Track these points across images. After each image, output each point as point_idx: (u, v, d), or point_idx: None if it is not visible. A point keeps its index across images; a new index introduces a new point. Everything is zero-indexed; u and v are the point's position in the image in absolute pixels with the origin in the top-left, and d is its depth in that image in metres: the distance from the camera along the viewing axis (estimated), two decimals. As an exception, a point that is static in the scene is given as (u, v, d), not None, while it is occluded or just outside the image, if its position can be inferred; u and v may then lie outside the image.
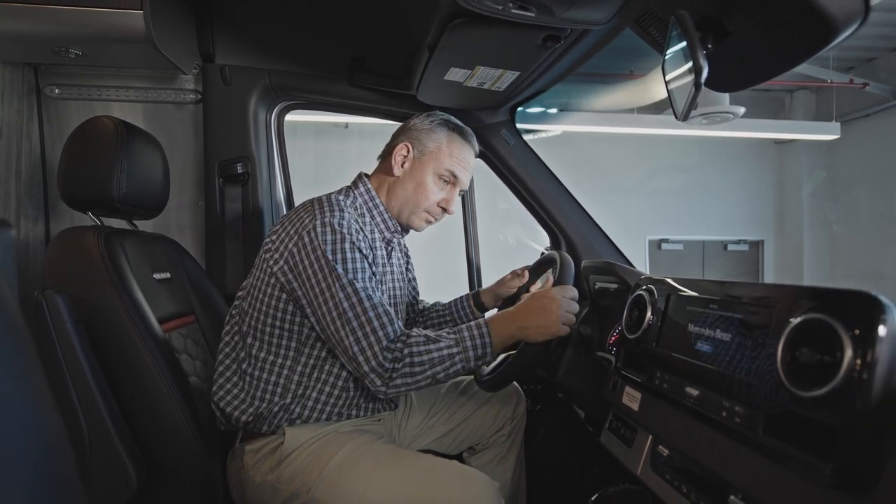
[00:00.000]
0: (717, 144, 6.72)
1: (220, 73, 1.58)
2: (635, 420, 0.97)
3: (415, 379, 0.98)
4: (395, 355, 0.98)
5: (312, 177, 5.03)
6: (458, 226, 1.86)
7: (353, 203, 1.18)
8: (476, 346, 1.00)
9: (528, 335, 1.02)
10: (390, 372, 0.97)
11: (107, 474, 0.98)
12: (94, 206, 1.17)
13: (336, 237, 1.04)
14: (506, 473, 1.35)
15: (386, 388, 0.98)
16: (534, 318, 1.01)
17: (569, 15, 0.93)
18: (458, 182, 1.23)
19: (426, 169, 1.20)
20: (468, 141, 1.25)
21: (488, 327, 1.02)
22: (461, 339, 1.00)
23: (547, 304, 1.01)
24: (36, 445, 0.38)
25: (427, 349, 0.99)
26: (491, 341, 1.01)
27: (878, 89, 6.05)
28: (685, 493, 0.78)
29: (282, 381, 1.10)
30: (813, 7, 0.66)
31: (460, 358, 0.99)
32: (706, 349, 0.79)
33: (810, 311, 0.60)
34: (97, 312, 1.04)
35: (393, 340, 0.99)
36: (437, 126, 1.23)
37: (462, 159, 1.22)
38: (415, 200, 1.21)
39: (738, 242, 7.35)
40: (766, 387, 0.64)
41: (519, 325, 1.02)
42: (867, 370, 0.53)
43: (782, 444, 0.61)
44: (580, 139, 6.49)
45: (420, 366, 0.98)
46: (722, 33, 0.81)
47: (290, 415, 1.10)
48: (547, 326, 1.01)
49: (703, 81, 0.73)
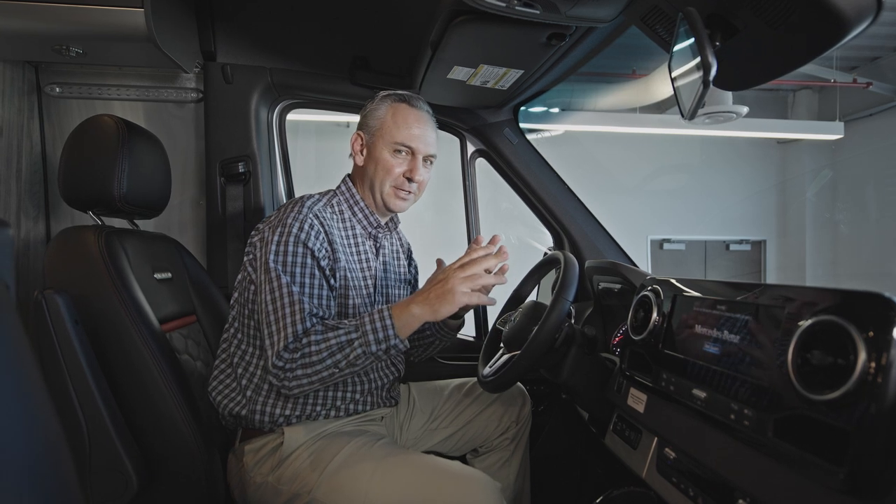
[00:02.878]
0: (720, 144, 6.70)
1: (221, 72, 1.58)
2: (641, 422, 0.96)
3: (315, 369, 0.98)
4: (294, 346, 0.98)
5: (315, 176, 5.05)
6: (462, 227, 1.85)
7: (329, 202, 1.20)
8: (376, 329, 0.99)
9: (433, 311, 1.01)
10: (290, 363, 0.98)
11: (107, 475, 0.98)
12: (95, 206, 1.16)
13: (284, 231, 1.07)
14: (509, 476, 1.34)
15: (288, 383, 0.99)
16: (433, 293, 1.02)
17: (574, 12, 0.92)
18: (415, 150, 1.20)
19: (378, 146, 1.20)
20: (413, 105, 1.21)
21: (389, 310, 1.01)
22: (361, 324, 1.00)
23: (441, 278, 1.04)
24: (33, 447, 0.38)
25: (325, 337, 0.99)
26: (392, 323, 1.00)
27: (882, 89, 6.03)
28: (692, 496, 0.77)
29: (259, 372, 1.12)
30: (823, 3, 0.65)
31: (360, 342, 0.98)
32: (714, 351, 0.78)
33: (822, 313, 0.59)
34: (97, 312, 1.03)
35: (299, 336, 0.99)
36: (379, 103, 1.22)
37: (409, 125, 1.19)
38: (380, 178, 1.20)
39: (741, 242, 7.33)
40: (775, 389, 0.63)
41: (418, 302, 1.02)
42: (882, 373, 0.51)
43: (793, 447, 0.59)
44: (583, 139, 6.48)
45: (318, 354, 0.98)
46: (730, 31, 0.79)
47: (283, 410, 1.10)
48: (445, 296, 1.01)
49: (710, 80, 0.72)
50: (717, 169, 7.04)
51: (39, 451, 0.38)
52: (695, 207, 7.09)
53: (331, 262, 1.11)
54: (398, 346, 1.01)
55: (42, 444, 0.39)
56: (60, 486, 0.39)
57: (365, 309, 1.18)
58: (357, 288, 1.17)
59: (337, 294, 1.13)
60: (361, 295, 1.18)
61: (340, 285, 1.13)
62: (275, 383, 1.00)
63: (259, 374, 1.12)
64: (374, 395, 1.19)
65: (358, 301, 1.16)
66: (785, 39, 0.75)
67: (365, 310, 1.18)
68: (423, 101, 1.23)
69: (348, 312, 1.15)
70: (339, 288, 1.13)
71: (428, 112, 1.23)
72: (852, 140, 6.14)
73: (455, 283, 1.01)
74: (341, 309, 1.14)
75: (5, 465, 0.34)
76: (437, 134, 1.26)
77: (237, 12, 1.57)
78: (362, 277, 1.20)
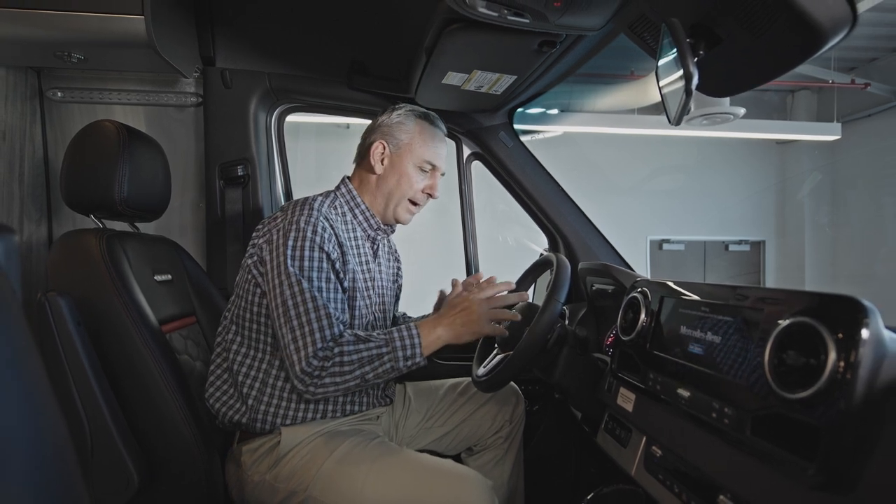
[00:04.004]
0: (719, 145, 6.71)
1: (220, 77, 1.60)
2: (630, 421, 0.98)
3: (343, 378, 1.01)
4: (325, 354, 1.00)
5: (315, 176, 5.07)
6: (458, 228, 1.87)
7: (332, 203, 1.22)
8: (405, 347, 1.04)
9: (456, 336, 1.08)
10: (319, 371, 1.00)
11: (108, 474, 1.00)
12: (96, 210, 1.19)
13: (298, 235, 1.07)
14: (503, 475, 1.36)
15: (315, 389, 1.01)
16: (458, 319, 1.08)
17: (563, 21, 0.94)
18: (437, 168, 1.28)
19: (405, 161, 1.24)
20: (436, 125, 1.29)
21: (417, 329, 1.06)
22: (391, 340, 1.04)
23: (467, 306, 1.09)
24: (39, 446, 0.39)
25: (357, 348, 1.01)
26: (420, 342, 1.05)
27: (880, 90, 6.04)
28: (677, 492, 0.79)
29: (260, 376, 1.13)
30: (801, 16, 0.68)
31: (389, 357, 1.02)
32: (697, 351, 0.80)
33: (797, 315, 0.61)
34: (99, 314, 1.05)
35: (328, 342, 1.01)
36: (405, 118, 1.26)
37: (435, 145, 1.27)
38: (400, 192, 1.24)
39: (740, 243, 7.34)
40: (754, 389, 0.65)
41: (445, 326, 1.08)
42: (850, 372, 0.54)
43: (769, 444, 0.62)
44: (582, 140, 6.49)
45: (349, 365, 1.00)
46: (713, 40, 0.82)
47: (281, 411, 1.11)
48: (471, 325, 1.08)
49: (693, 88, 0.74)
50: (717, 170, 7.05)
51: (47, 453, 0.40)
52: (694, 208, 7.09)
53: (341, 263, 1.13)
54: (421, 363, 1.06)
55: (50, 445, 0.40)
56: (66, 485, 0.41)
57: (366, 311, 1.20)
58: (361, 290, 1.19)
59: (347, 296, 1.15)
60: (364, 296, 1.20)
61: (348, 287, 1.15)
62: (299, 388, 1.01)
63: (261, 379, 1.12)
64: (370, 396, 1.21)
65: (361, 303, 1.18)
66: (766, 49, 0.77)
67: (366, 312, 1.20)
68: (441, 122, 1.31)
69: (354, 314, 1.16)
70: (348, 290, 1.15)
71: (444, 131, 1.32)
72: (850, 141, 6.15)
73: (482, 314, 1.08)
74: (348, 311, 1.16)
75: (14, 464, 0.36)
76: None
77: (236, 18, 1.59)
78: (363, 279, 1.22)
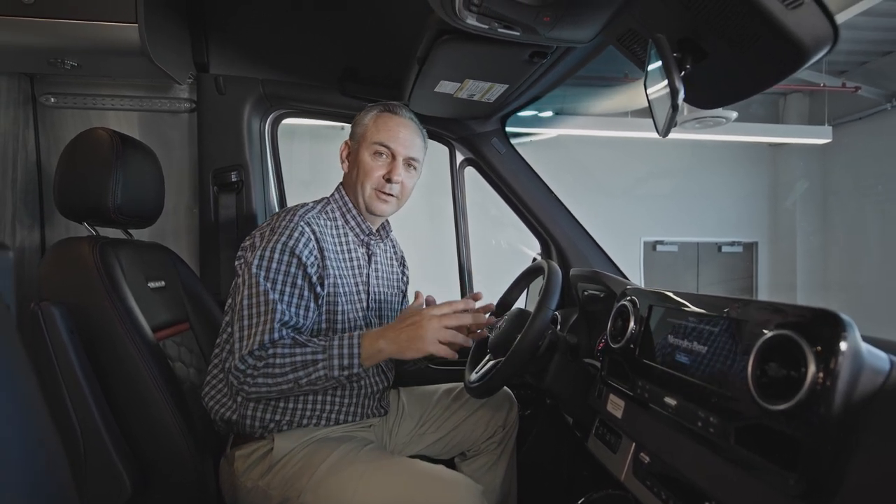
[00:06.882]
0: (712, 148, 6.76)
1: (214, 83, 1.60)
2: (619, 427, 0.99)
3: (276, 381, 1.00)
4: (260, 354, 1.01)
5: (309, 177, 5.08)
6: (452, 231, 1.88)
7: (324, 209, 1.23)
8: (343, 356, 1.01)
9: (399, 350, 1.01)
10: (252, 370, 1.00)
11: (101, 481, 1.00)
12: (90, 217, 1.19)
13: (273, 238, 1.09)
14: (495, 480, 1.37)
15: (248, 388, 1.01)
16: (404, 333, 1.01)
17: (553, 34, 0.95)
18: (394, 151, 1.22)
19: (361, 150, 1.23)
20: (395, 112, 1.24)
21: (360, 339, 1.02)
22: (329, 347, 1.01)
23: (417, 321, 1.01)
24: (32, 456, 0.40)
25: (291, 352, 1.01)
26: (360, 352, 1.01)
27: (871, 93, 6.10)
28: (664, 499, 0.81)
29: None
30: (784, 34, 0.69)
31: (324, 365, 1.00)
32: (684, 360, 0.81)
33: (779, 328, 0.63)
34: (92, 322, 1.06)
35: (266, 344, 1.02)
36: (365, 113, 1.26)
37: (389, 128, 1.22)
38: (361, 181, 1.23)
39: (732, 244, 7.39)
40: (737, 399, 0.67)
41: (388, 339, 1.02)
42: (829, 384, 0.55)
43: (751, 454, 0.63)
44: (576, 142, 6.51)
45: (281, 367, 1.00)
46: (700, 54, 0.83)
47: (273, 416, 1.12)
48: (415, 341, 1.00)
49: (679, 103, 0.75)
50: (710, 172, 7.10)
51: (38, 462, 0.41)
52: (688, 209, 7.14)
53: (319, 269, 1.14)
54: (360, 374, 1.03)
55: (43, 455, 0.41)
56: (58, 492, 0.42)
57: (355, 315, 1.21)
58: (347, 294, 1.19)
59: (325, 301, 1.15)
60: (352, 301, 1.21)
61: (329, 292, 1.15)
62: (234, 384, 1.02)
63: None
64: (364, 406, 1.21)
65: (348, 307, 1.19)
66: (750, 64, 0.79)
67: (355, 316, 1.21)
68: (406, 109, 1.27)
69: (338, 318, 1.17)
70: (328, 295, 1.15)
71: (411, 119, 1.27)
72: (841, 144, 6.21)
73: (428, 332, 1.00)
74: (330, 315, 1.16)
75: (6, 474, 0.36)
76: (422, 141, 1.29)
77: (229, 25, 1.59)
78: (353, 284, 1.22)
